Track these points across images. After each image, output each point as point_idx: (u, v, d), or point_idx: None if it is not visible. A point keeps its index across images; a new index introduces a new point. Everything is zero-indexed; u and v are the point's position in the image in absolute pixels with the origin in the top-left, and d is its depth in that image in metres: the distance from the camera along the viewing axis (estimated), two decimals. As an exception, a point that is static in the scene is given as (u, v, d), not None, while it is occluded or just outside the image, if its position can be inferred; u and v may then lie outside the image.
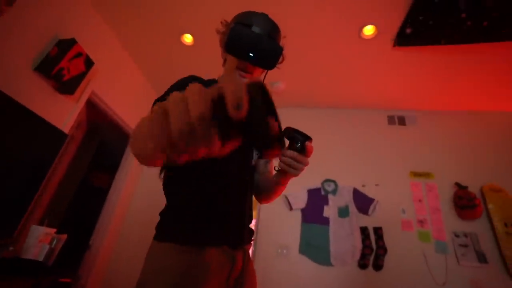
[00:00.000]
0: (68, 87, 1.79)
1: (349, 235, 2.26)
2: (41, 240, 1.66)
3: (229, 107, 0.22)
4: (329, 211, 2.38)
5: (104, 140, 3.46)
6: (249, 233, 0.77)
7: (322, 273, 2.16)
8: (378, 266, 2.11)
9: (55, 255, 1.73)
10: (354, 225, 2.30)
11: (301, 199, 2.47)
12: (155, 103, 0.62)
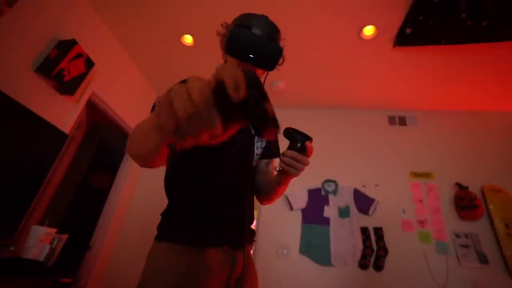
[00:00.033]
0: (68, 87, 1.80)
1: (350, 236, 2.26)
2: (41, 240, 1.65)
3: (229, 89, 0.24)
4: (330, 211, 2.38)
5: (104, 140, 3.46)
6: (250, 233, 0.77)
7: (322, 274, 2.16)
8: (379, 267, 2.11)
9: (56, 255, 1.73)
10: (354, 225, 2.29)
11: (302, 199, 2.47)
12: (155, 105, 0.63)
